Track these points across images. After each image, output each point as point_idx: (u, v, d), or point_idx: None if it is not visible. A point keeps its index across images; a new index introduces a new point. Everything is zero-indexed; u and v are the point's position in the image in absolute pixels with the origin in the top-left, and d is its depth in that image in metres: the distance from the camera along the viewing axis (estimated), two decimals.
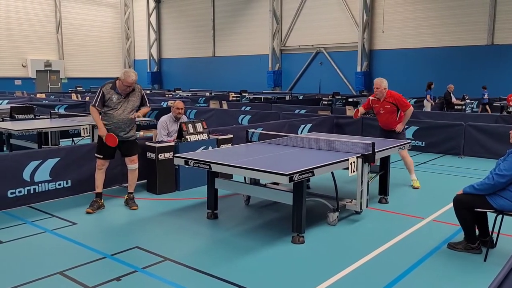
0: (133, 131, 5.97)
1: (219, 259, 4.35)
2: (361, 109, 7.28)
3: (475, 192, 4.33)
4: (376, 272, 4.11)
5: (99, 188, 5.86)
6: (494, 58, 20.64)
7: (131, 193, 6.06)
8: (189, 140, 6.92)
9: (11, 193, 5.81)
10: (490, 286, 2.00)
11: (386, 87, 6.99)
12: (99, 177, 5.86)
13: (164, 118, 7.42)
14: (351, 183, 6.43)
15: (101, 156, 5.80)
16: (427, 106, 16.75)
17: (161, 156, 6.62)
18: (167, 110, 8.37)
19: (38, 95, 21.26)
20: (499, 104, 16.48)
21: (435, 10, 22.19)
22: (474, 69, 21.02)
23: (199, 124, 7.23)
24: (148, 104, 6.04)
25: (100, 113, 5.79)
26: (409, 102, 8.05)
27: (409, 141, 6.89)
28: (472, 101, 18.04)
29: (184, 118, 7.59)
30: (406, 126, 7.26)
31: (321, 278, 3.94)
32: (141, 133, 6.10)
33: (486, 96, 18.61)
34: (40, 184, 6.09)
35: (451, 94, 17.17)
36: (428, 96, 16.78)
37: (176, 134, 7.14)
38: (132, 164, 5.99)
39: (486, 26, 20.76)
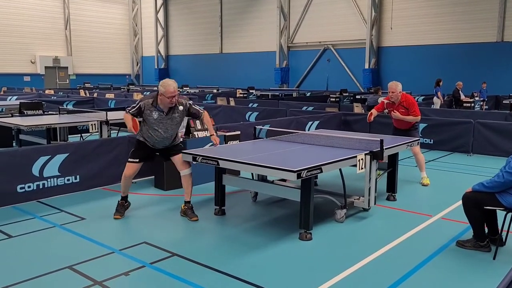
0: (178, 138, 5.58)
1: (226, 255, 4.36)
2: (374, 112, 7.27)
3: (485, 189, 4.30)
4: (384, 269, 4.10)
5: (125, 192, 5.51)
6: (504, 55, 20.43)
7: (189, 202, 5.46)
8: (196, 136, 6.94)
9: (21, 188, 5.86)
10: (500, 284, 1.98)
11: (401, 91, 6.99)
12: (128, 184, 5.46)
13: None
14: (359, 180, 6.41)
15: (137, 160, 5.33)
16: (437, 103, 16.63)
17: None
18: None
19: (46, 91, 21.41)
20: (508, 102, 16.32)
21: (443, 6, 21.99)
22: (483, 67, 20.82)
23: None
24: (200, 111, 5.46)
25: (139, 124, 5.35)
26: (418, 99, 8.01)
27: (418, 138, 6.85)
28: (482, 99, 17.87)
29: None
30: (416, 124, 7.24)
31: (329, 275, 3.93)
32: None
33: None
34: (49, 179, 6.13)
35: (460, 92, 17.03)
36: (439, 93, 16.66)
37: (183, 130, 7.17)
38: (185, 169, 5.37)
39: (496, 23, 20.54)
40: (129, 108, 5.35)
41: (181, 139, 5.70)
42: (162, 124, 5.24)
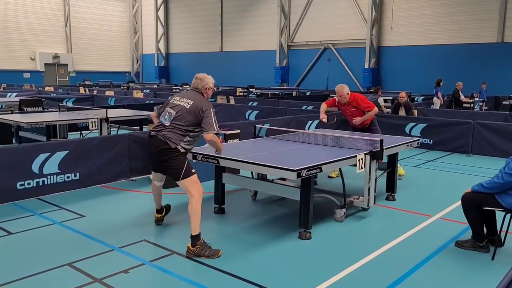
0: None
1: (226, 254, 4.36)
2: (323, 106, 7.39)
3: (484, 190, 4.31)
4: (383, 269, 4.11)
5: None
6: (504, 56, 20.44)
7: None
8: None
9: (20, 185, 5.85)
10: (499, 285, 1.99)
11: (349, 92, 7.13)
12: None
13: None
14: (358, 179, 6.42)
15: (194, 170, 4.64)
16: (437, 103, 16.64)
17: None
18: None
19: (46, 88, 21.40)
20: (508, 103, 16.34)
21: (444, 7, 21.99)
22: (483, 67, 20.83)
23: None
24: None
25: (192, 136, 4.60)
26: (417, 100, 8.03)
27: (418, 139, 6.87)
28: (482, 99, 17.89)
29: None
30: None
31: (328, 274, 3.94)
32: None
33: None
34: (49, 177, 6.12)
35: (460, 92, 17.04)
36: (439, 93, 16.67)
37: None
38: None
39: (497, 24, 20.54)
40: (216, 127, 4.52)
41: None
42: None
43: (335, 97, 7.42)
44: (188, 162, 4.54)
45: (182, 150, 4.52)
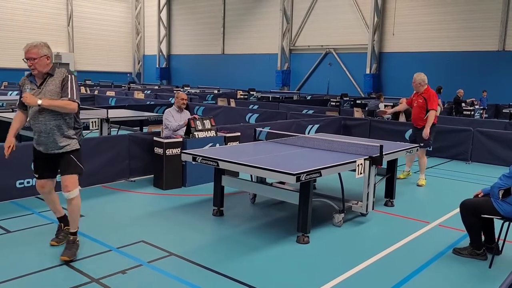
0: (68, 140, 4.16)
1: (223, 256, 4.37)
2: (403, 104, 8.01)
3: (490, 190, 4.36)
4: (380, 275, 4.11)
5: (56, 212, 4.56)
6: (505, 64, 20.49)
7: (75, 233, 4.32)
8: (197, 136, 6.95)
9: (20, 183, 5.86)
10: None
11: (423, 82, 7.39)
12: (49, 201, 4.50)
13: (168, 110, 7.47)
14: (357, 185, 6.42)
15: (37, 175, 4.32)
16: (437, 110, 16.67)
17: (169, 151, 6.65)
18: None
19: None
20: (508, 111, 16.36)
21: (446, 14, 22.06)
22: (484, 75, 20.88)
23: (208, 121, 7.25)
24: (70, 96, 3.95)
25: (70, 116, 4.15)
26: None
27: (417, 145, 6.88)
28: (482, 107, 17.91)
29: (187, 114, 7.62)
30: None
31: (325, 278, 3.95)
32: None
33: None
34: None
35: (461, 99, 17.08)
36: (439, 101, 16.69)
37: (184, 128, 7.23)
38: (66, 192, 4.15)
39: (498, 32, 20.61)
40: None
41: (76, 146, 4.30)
42: (36, 107, 3.96)
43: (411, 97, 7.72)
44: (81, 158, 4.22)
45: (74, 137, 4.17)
